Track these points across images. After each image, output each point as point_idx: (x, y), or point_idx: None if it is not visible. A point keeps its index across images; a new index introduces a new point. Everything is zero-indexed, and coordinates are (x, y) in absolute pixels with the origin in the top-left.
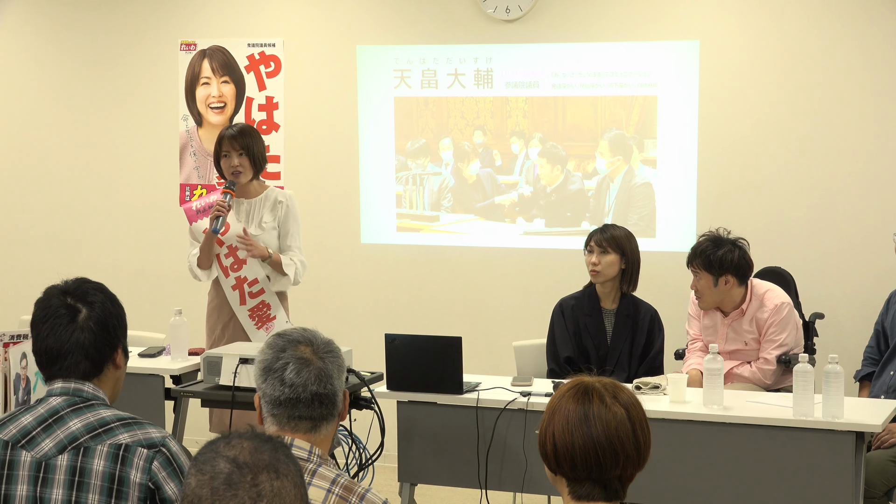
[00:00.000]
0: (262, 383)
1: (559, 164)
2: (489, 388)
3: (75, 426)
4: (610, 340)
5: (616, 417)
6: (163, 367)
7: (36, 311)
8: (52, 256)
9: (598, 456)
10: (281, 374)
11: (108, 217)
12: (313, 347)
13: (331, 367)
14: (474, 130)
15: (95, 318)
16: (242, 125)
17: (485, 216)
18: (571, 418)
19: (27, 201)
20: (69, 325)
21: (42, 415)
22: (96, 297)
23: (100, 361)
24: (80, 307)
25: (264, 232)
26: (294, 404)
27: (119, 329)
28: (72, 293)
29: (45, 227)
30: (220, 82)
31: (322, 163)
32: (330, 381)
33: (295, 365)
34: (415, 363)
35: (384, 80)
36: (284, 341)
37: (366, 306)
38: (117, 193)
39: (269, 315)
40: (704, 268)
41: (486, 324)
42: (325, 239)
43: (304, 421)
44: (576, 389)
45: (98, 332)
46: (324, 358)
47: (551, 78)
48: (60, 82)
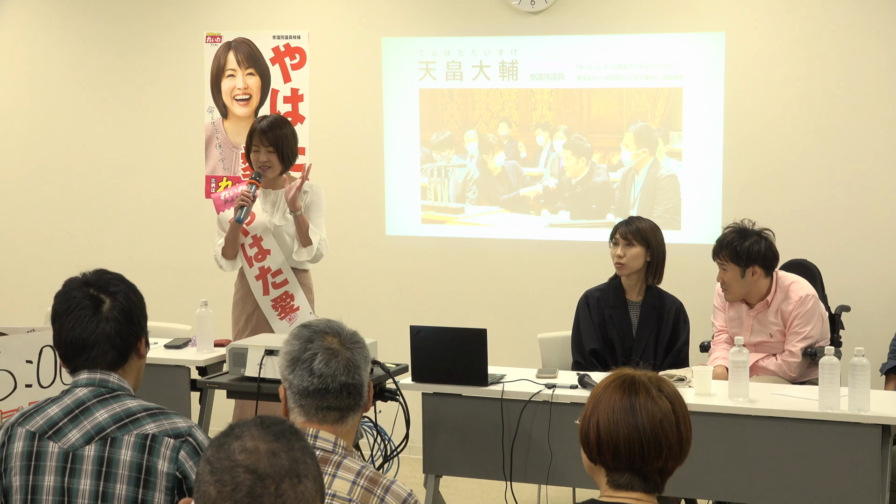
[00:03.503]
0: (289, 374)
1: (584, 156)
2: (514, 381)
3: (102, 417)
4: (635, 333)
5: (661, 410)
6: (189, 358)
7: (57, 304)
8: (79, 249)
9: (641, 447)
10: (309, 365)
11: (134, 209)
12: (340, 338)
13: (358, 358)
14: (499, 122)
15: (120, 307)
16: (275, 118)
17: (510, 208)
18: (617, 408)
19: (52, 194)
20: (94, 315)
21: (68, 406)
22: (118, 287)
23: (125, 351)
24: (104, 298)
25: (288, 223)
26: (322, 395)
27: (142, 318)
28: (93, 284)
29: (71, 220)
30: (246, 74)
31: (347, 155)
32: (358, 371)
33: (323, 355)
34: (440, 355)
35: (409, 72)
36: (311, 332)
37: (390, 298)
38: (142, 186)
39: (292, 306)
40: (731, 259)
41: (511, 316)
42: (350, 231)
43: (332, 412)
44: (621, 381)
45: (123, 322)
46: (351, 348)
47: (576, 70)
48: (85, 74)
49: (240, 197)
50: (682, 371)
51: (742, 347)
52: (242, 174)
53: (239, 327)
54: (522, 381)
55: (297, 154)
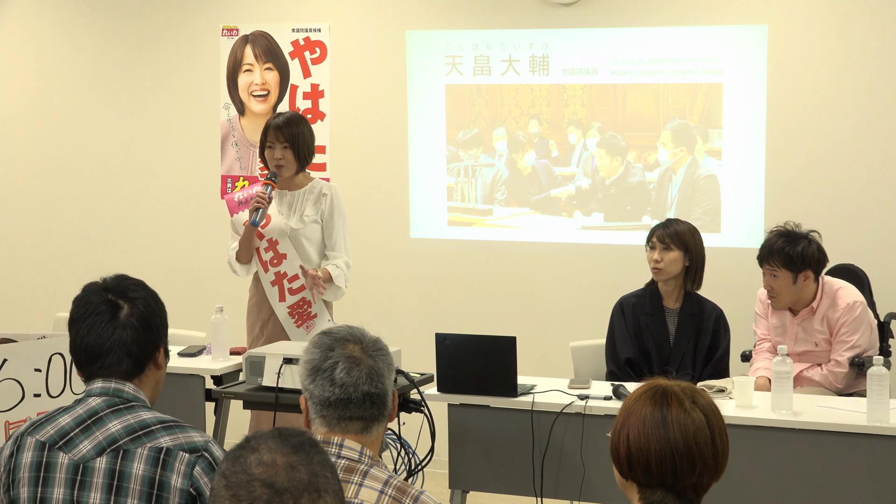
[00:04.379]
0: (310, 384)
1: (619, 155)
2: (545, 391)
3: (115, 428)
4: (673, 341)
5: (695, 423)
6: (203, 367)
7: (74, 309)
8: (89, 251)
9: (674, 462)
10: (331, 374)
11: (146, 210)
12: (362, 345)
13: (381, 366)
14: (529, 119)
15: (138, 314)
16: (291, 114)
17: (540, 210)
18: (648, 421)
19: (61, 195)
20: (110, 322)
21: (80, 416)
22: (138, 293)
23: (142, 360)
24: (122, 304)
25: (305, 226)
26: (345, 405)
27: (161, 327)
28: (112, 289)
29: (81, 220)
30: (264, 69)
31: (369, 154)
32: (381, 380)
33: (345, 364)
34: (467, 364)
35: (435, 66)
36: (332, 339)
37: (415, 304)
38: (155, 186)
39: (309, 313)
40: (784, 265)
41: (541, 323)
42: (373, 233)
43: (355, 422)
44: (653, 392)
45: (140, 330)
46: (374, 356)
47: (611, 64)
48: (96, 70)
49: (254, 198)
50: (721, 382)
51: (785, 357)
52: (260, 174)
53: (254, 335)
54: (554, 392)
55: (313, 153)
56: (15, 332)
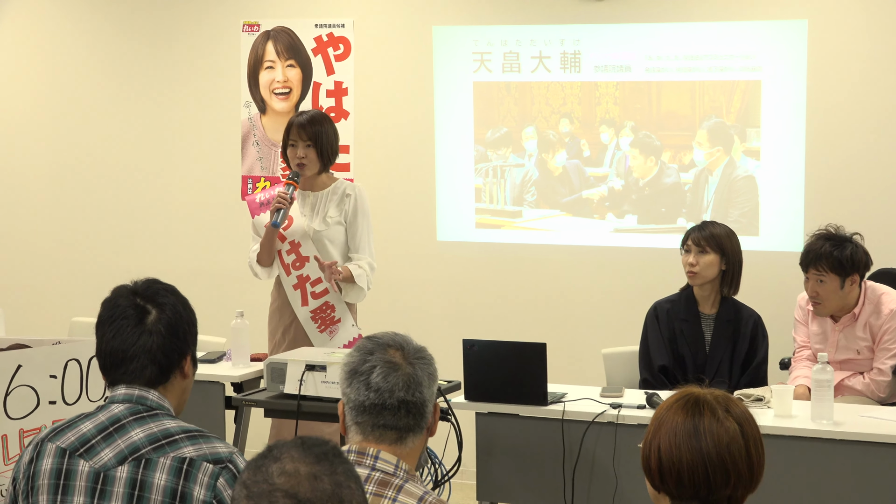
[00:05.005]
0: (347, 387)
1: (653, 155)
2: (576, 400)
3: (137, 436)
4: (709, 348)
5: (728, 433)
6: (223, 373)
7: (102, 311)
8: (105, 255)
9: (707, 473)
10: (367, 378)
11: (164, 212)
12: (404, 352)
13: (421, 374)
14: (560, 118)
15: (165, 320)
16: (314, 112)
17: (571, 212)
18: (679, 431)
19: (76, 196)
20: (137, 326)
21: (103, 423)
22: (167, 299)
23: (167, 368)
24: (150, 308)
25: (329, 227)
26: (379, 411)
27: (189, 335)
28: (141, 293)
29: (97, 223)
30: (286, 66)
31: (395, 153)
32: (419, 388)
33: (382, 369)
34: (495, 371)
35: (462, 63)
36: (374, 344)
37: (442, 309)
38: (174, 186)
39: (333, 318)
40: (833, 269)
41: (572, 329)
42: (398, 236)
43: (389, 430)
44: (685, 401)
45: (167, 336)
46: (414, 364)
47: (644, 61)
48: (112, 67)
49: (276, 199)
50: (759, 390)
51: (826, 365)
52: (281, 174)
53: (275, 340)
54: (585, 401)
55: (337, 153)
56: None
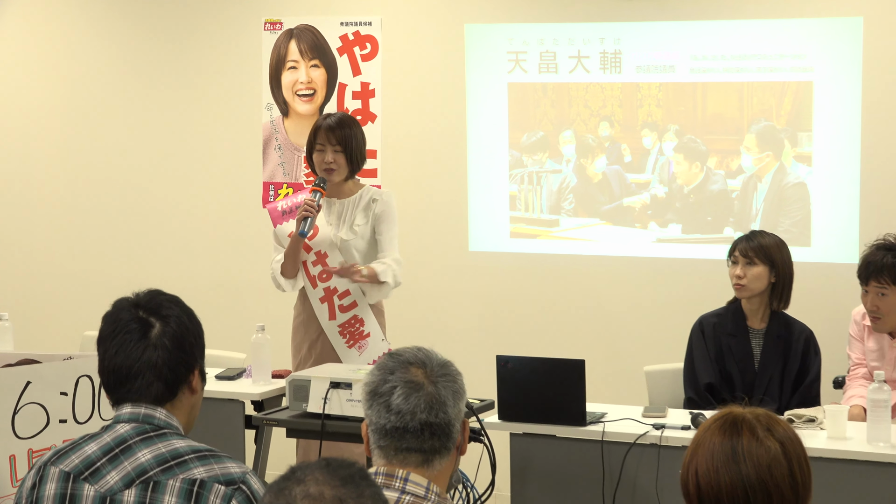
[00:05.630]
0: (368, 409)
1: (698, 160)
2: (616, 420)
3: (145, 457)
4: (758, 365)
5: (769, 453)
6: (243, 391)
7: (103, 327)
8: (119, 265)
9: (747, 497)
10: (387, 400)
11: (181, 220)
12: (426, 370)
13: (444, 393)
14: (600, 122)
15: (170, 334)
16: (342, 115)
17: (612, 220)
18: (717, 454)
19: (89, 202)
20: (140, 341)
21: (108, 444)
22: (171, 310)
23: (174, 384)
24: (154, 321)
25: (357, 237)
26: (401, 434)
27: (196, 348)
28: (144, 306)
29: (110, 231)
30: (309, 66)
31: (425, 159)
32: (443, 408)
33: (403, 389)
34: (531, 390)
35: (496, 63)
36: (395, 362)
37: (474, 323)
38: (191, 193)
39: (362, 332)
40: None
41: (613, 345)
42: (429, 246)
43: (413, 454)
44: (723, 421)
45: (173, 351)
46: (437, 382)
47: (689, 61)
48: (128, 68)
49: (303, 207)
50: (811, 411)
51: (883, 384)
52: (305, 181)
53: (301, 356)
54: (626, 421)
55: (365, 157)
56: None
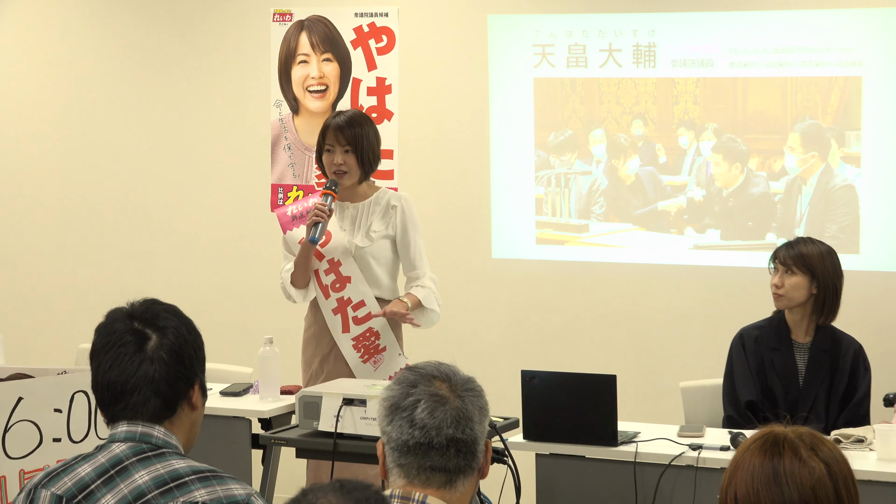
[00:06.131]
0: (388, 425)
1: (738, 161)
2: (650, 440)
3: (142, 479)
4: (802, 381)
5: (813, 475)
6: (250, 408)
7: (96, 339)
8: (117, 273)
9: None
10: (410, 414)
11: (184, 225)
12: (450, 384)
13: (471, 408)
14: (633, 120)
15: (168, 346)
16: (353, 113)
17: (645, 226)
18: (757, 475)
19: (86, 205)
20: (136, 354)
21: (103, 465)
22: (169, 321)
23: (173, 400)
24: (150, 333)
25: (373, 243)
26: (425, 451)
27: (196, 361)
28: (139, 317)
29: (108, 237)
30: (321, 60)
31: (444, 159)
32: (469, 424)
33: (428, 403)
34: (558, 407)
35: (521, 57)
36: (416, 376)
37: (497, 336)
38: (194, 196)
39: (377, 345)
40: None
41: (646, 359)
42: (448, 253)
43: (437, 473)
44: (764, 440)
45: (171, 364)
46: (463, 396)
47: (729, 55)
48: (126, 63)
49: (312, 212)
50: (860, 430)
51: None
52: (316, 183)
53: (312, 371)
54: (661, 441)
55: (379, 158)
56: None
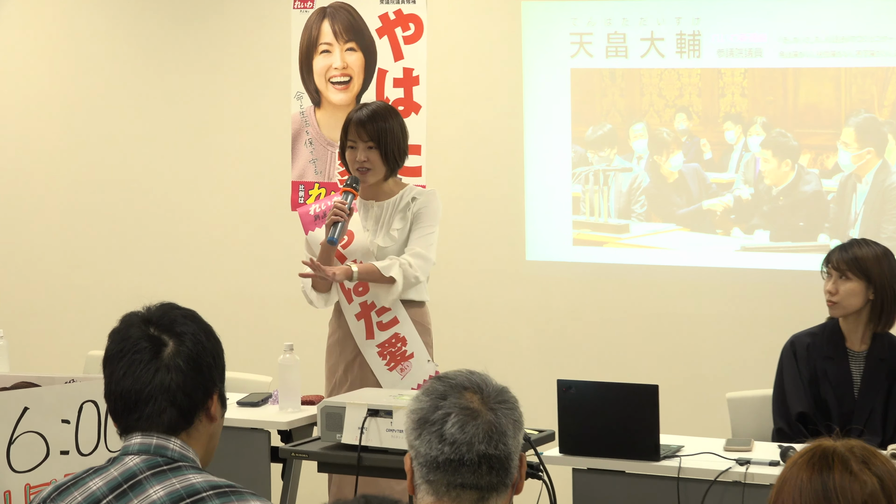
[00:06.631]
0: (416, 440)
1: (789, 157)
2: (695, 454)
3: (157, 494)
4: (857, 392)
5: (865, 490)
6: (269, 419)
7: (110, 345)
8: (129, 276)
9: None
10: (440, 428)
11: (199, 225)
12: (482, 395)
13: (504, 422)
14: (676, 113)
15: (185, 353)
16: (378, 106)
17: (689, 226)
18: (805, 492)
19: (95, 206)
20: (151, 361)
21: (115, 479)
22: (187, 327)
23: (190, 410)
24: (167, 339)
25: (395, 243)
26: (456, 468)
27: (215, 369)
28: (156, 322)
29: (119, 238)
30: (345, 50)
31: (476, 155)
32: (503, 439)
33: (458, 416)
34: (596, 419)
35: (558, 46)
36: (446, 386)
37: (532, 343)
38: (210, 195)
39: (404, 352)
40: None
41: (690, 367)
42: (480, 256)
43: (467, 490)
44: (812, 454)
45: (188, 372)
46: (496, 409)
47: (778, 43)
48: (137, 53)
49: (332, 211)
50: None
51: None
52: (339, 180)
53: (335, 379)
54: (706, 455)
55: (405, 154)
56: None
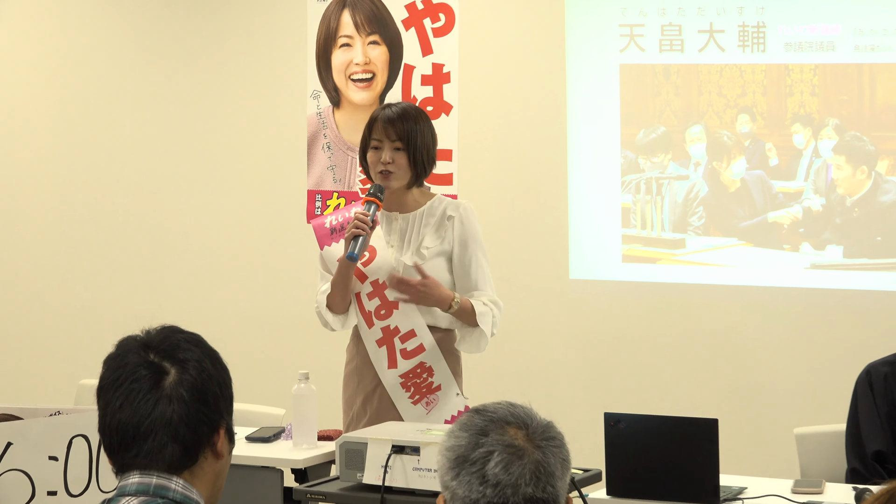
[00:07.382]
0: (452, 480)
1: (865, 164)
2: (759, 497)
3: None
4: None
5: None
6: (281, 456)
7: (105, 373)
8: (127, 297)
9: None
10: (482, 469)
11: (205, 239)
12: (528, 431)
13: (552, 462)
14: (738, 114)
15: (189, 382)
16: (406, 105)
17: (753, 240)
18: None
19: (91, 218)
20: (151, 391)
21: None
22: (190, 353)
23: (194, 446)
24: (168, 367)
25: (425, 262)
26: None
27: (222, 400)
28: (156, 347)
29: (117, 253)
30: (367, 44)
31: (513, 162)
32: (551, 480)
33: (502, 455)
34: (648, 457)
35: (605, 40)
36: (486, 421)
37: (576, 370)
38: (217, 205)
39: (430, 384)
40: None
41: (753, 399)
42: (518, 274)
43: None
44: (888, 497)
45: (192, 404)
46: (542, 447)
47: (853, 36)
48: (141, 49)
49: (352, 223)
50: None
51: None
52: (360, 189)
53: (353, 412)
54: (771, 498)
55: (434, 161)
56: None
